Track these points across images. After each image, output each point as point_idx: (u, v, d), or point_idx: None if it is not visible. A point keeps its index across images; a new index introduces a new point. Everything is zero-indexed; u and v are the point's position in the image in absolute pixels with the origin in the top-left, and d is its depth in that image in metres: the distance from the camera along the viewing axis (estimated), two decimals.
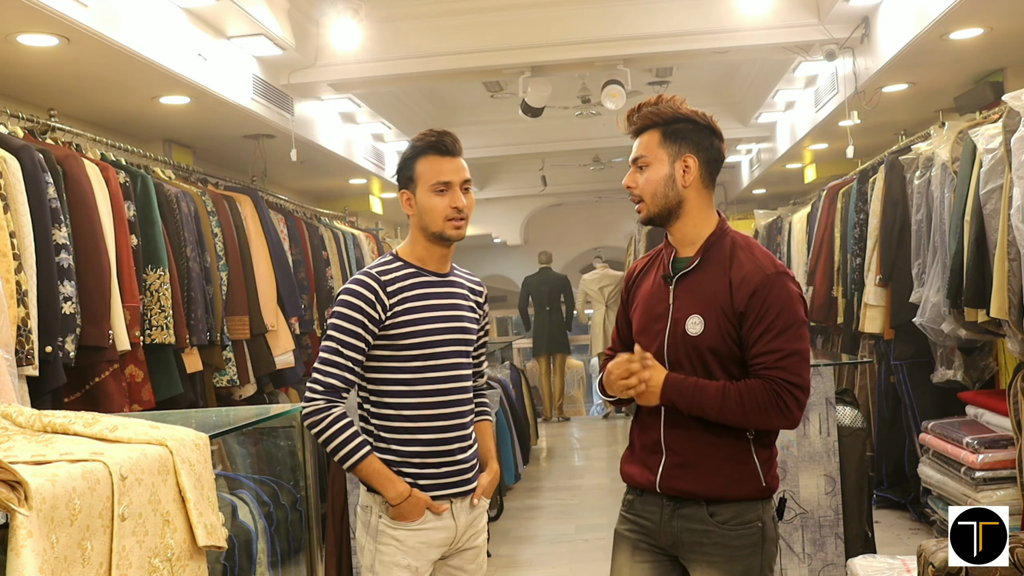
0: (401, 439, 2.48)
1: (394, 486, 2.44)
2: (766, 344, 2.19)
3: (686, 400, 2.22)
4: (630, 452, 2.42)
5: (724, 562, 2.25)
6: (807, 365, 2.24)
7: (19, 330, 3.07)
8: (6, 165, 3.22)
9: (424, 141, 2.53)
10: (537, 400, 11.01)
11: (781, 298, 2.21)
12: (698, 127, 2.31)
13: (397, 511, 2.45)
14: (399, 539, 2.47)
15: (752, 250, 2.30)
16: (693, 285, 2.28)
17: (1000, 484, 4.27)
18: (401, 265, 2.55)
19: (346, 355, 2.44)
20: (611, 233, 16.33)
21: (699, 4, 5.84)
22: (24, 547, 1.33)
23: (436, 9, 6.06)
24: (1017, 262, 3.75)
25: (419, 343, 2.48)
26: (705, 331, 2.24)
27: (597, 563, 4.84)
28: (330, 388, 2.43)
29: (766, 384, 2.19)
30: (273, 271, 5.40)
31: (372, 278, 2.49)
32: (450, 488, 2.52)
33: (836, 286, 6.47)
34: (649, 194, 2.31)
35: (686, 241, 2.33)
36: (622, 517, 2.42)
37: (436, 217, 2.51)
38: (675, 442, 2.28)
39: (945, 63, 5.37)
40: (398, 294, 2.48)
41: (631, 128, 2.36)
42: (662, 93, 2.38)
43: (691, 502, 2.27)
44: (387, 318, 2.46)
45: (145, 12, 4.33)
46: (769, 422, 2.22)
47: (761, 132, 9.23)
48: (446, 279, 2.60)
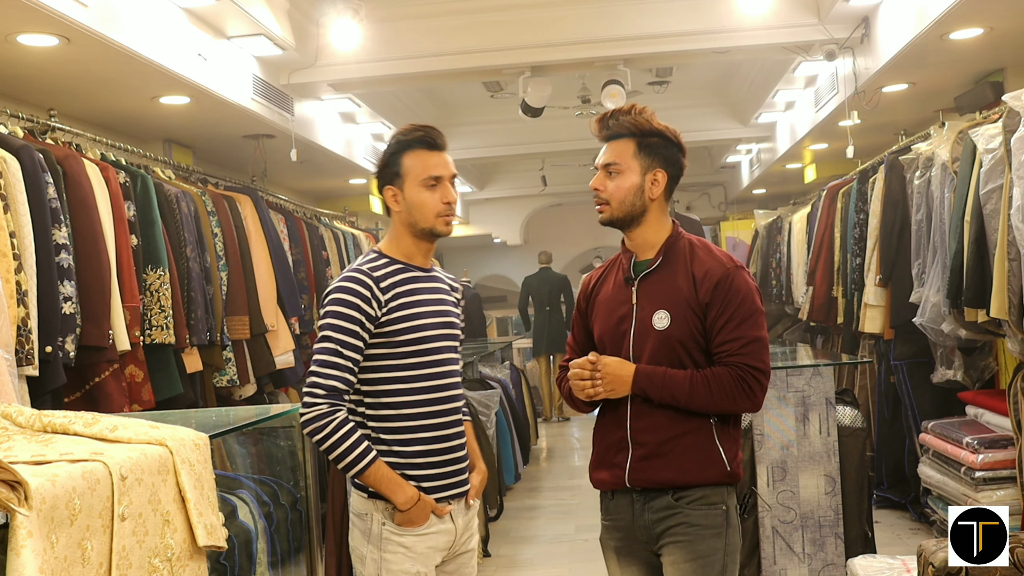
0: (403, 439, 2.42)
1: (403, 491, 2.37)
2: (729, 333, 2.33)
3: (656, 388, 2.33)
4: (595, 457, 2.50)
5: (689, 542, 2.34)
6: (767, 351, 2.39)
7: (19, 330, 3.06)
8: (6, 165, 3.22)
9: (411, 135, 2.48)
10: (537, 400, 11.01)
11: (742, 290, 2.35)
12: (669, 144, 2.44)
13: (405, 516, 2.37)
14: (407, 545, 2.39)
15: (709, 248, 2.46)
16: (656, 283, 2.41)
17: (1000, 484, 4.27)
18: (389, 261, 2.48)
19: (346, 355, 2.35)
20: (611, 233, 15.99)
21: (699, 4, 5.84)
22: (24, 547, 1.33)
23: (436, 9, 6.06)
24: (1017, 262, 3.75)
25: (415, 339, 2.43)
26: (672, 324, 2.36)
27: (597, 563, 4.83)
28: (332, 391, 2.34)
29: (731, 371, 2.32)
30: (273, 271, 5.40)
31: (365, 275, 2.41)
32: (451, 489, 2.48)
33: (836, 286, 6.47)
34: (617, 200, 2.44)
35: (646, 245, 2.47)
36: (602, 524, 2.52)
37: (427, 213, 2.46)
38: (641, 435, 2.37)
39: (945, 63, 5.37)
40: (392, 290, 2.42)
41: (605, 132, 2.46)
42: (635, 103, 2.48)
43: (659, 493, 2.36)
44: (383, 315, 2.39)
45: (145, 12, 4.33)
46: (735, 405, 2.34)
47: (761, 132, 9.23)
48: (431, 274, 2.56)
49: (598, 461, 2.48)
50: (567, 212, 16.23)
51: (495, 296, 17.04)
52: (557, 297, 11.31)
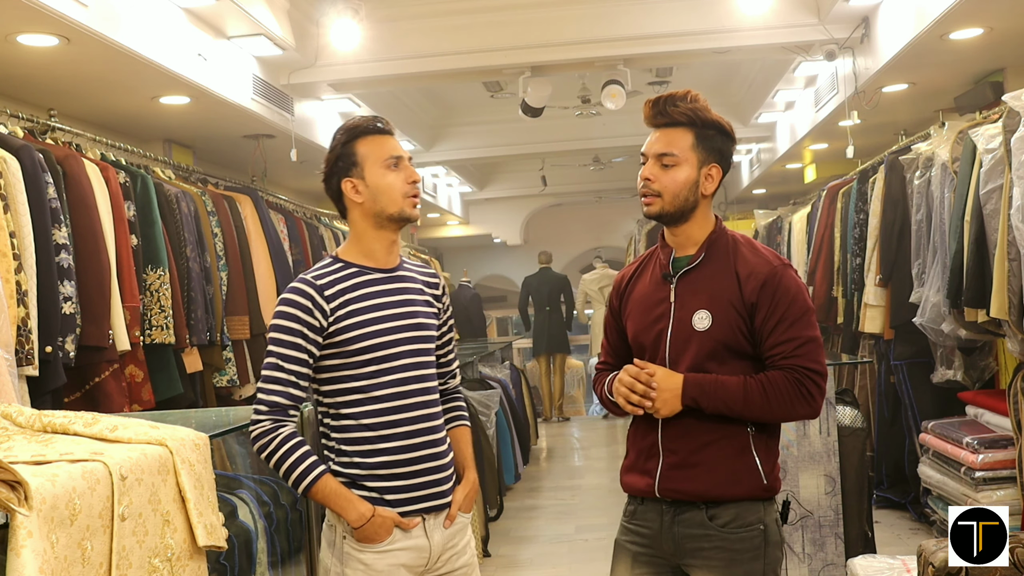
0: (363, 451, 2.27)
1: (354, 507, 2.23)
2: (782, 334, 2.19)
3: (708, 397, 2.19)
4: (628, 460, 2.39)
5: (724, 566, 2.21)
6: (823, 351, 2.24)
7: (19, 330, 3.06)
8: (6, 165, 3.22)
9: (358, 125, 2.37)
10: (537, 400, 11.01)
11: (791, 289, 2.21)
12: (726, 138, 2.29)
13: (362, 533, 2.23)
14: (366, 562, 2.25)
15: (754, 245, 2.31)
16: (696, 281, 2.26)
17: (1000, 484, 4.26)
18: (341, 266, 2.34)
19: (288, 369, 2.23)
20: (611, 233, 16.34)
21: (699, 4, 5.84)
22: (24, 547, 1.33)
23: (436, 9, 6.06)
24: (1017, 262, 3.75)
25: (368, 346, 2.27)
26: (714, 325, 2.21)
27: (597, 563, 4.84)
28: (275, 407, 2.23)
29: (787, 374, 2.18)
30: (273, 271, 5.40)
31: (307, 283, 2.28)
32: (421, 502, 2.30)
33: (836, 286, 6.47)
34: (671, 194, 2.25)
35: (689, 241, 2.31)
36: (623, 527, 2.39)
37: (395, 195, 2.31)
38: (673, 442, 2.25)
39: (945, 63, 5.37)
40: (338, 297, 2.28)
41: (660, 119, 2.29)
42: (690, 90, 2.31)
43: (690, 506, 2.24)
44: (329, 324, 2.26)
45: (145, 12, 4.33)
46: (793, 412, 2.21)
47: (761, 132, 9.23)
48: (394, 274, 2.38)
49: (631, 465, 2.35)
50: (567, 212, 16.23)
51: (495, 296, 17.04)
52: (557, 297, 11.31)
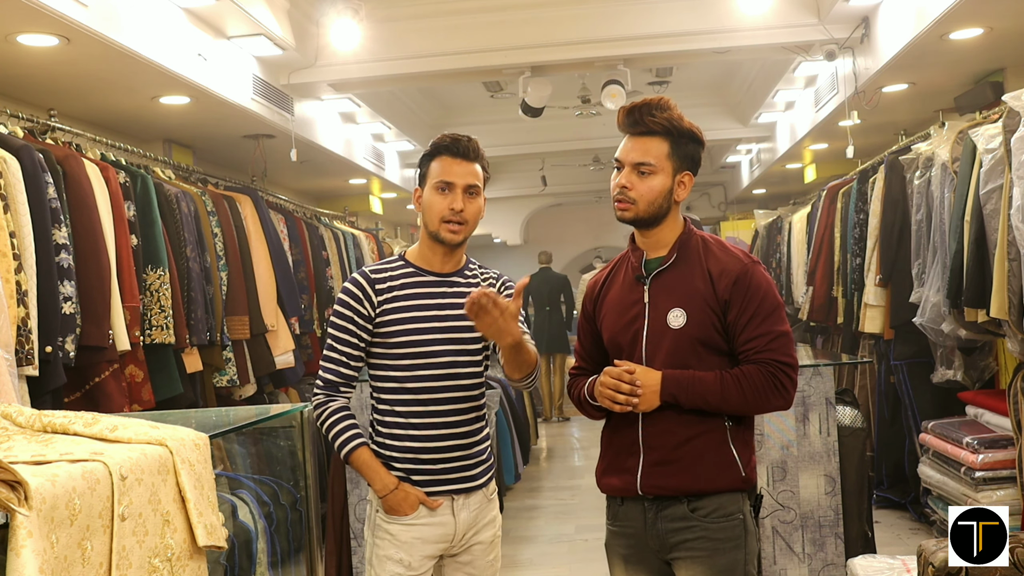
0: (394, 434, 2.54)
1: (380, 478, 2.51)
2: (755, 329, 2.27)
3: (686, 392, 2.26)
4: (605, 461, 2.42)
5: (708, 556, 2.27)
6: (793, 345, 2.33)
7: (19, 330, 3.06)
8: (6, 165, 3.22)
9: (441, 141, 2.57)
10: (537, 400, 11.01)
11: (762, 285, 2.30)
12: (698, 145, 2.37)
13: (387, 504, 2.50)
14: (392, 533, 2.51)
15: (723, 245, 2.39)
16: (669, 282, 2.34)
17: (1000, 484, 4.27)
18: (400, 265, 2.61)
19: (339, 350, 2.54)
20: (611, 233, 16.34)
21: (699, 4, 5.83)
22: (24, 547, 1.33)
23: (436, 9, 6.06)
24: (1017, 262, 3.75)
25: (407, 341, 2.52)
26: (688, 323, 2.29)
27: (597, 563, 4.84)
28: (327, 383, 2.56)
29: (761, 367, 2.26)
30: (273, 271, 5.40)
31: (363, 276, 2.58)
32: (447, 484, 2.53)
33: (836, 286, 6.47)
34: (647, 201, 2.33)
35: (660, 244, 2.38)
36: (609, 530, 2.44)
37: (433, 216, 2.53)
38: (654, 439, 2.30)
39: (945, 63, 5.37)
40: (387, 292, 2.54)
41: (637, 128, 2.34)
42: (662, 96, 2.38)
43: (673, 501, 2.29)
44: (376, 315, 2.53)
45: (145, 12, 4.33)
46: (768, 403, 2.29)
47: (761, 132, 9.23)
48: (447, 279, 2.59)
49: (608, 466, 2.40)
50: (567, 212, 16.23)
51: None
52: (557, 297, 11.32)
